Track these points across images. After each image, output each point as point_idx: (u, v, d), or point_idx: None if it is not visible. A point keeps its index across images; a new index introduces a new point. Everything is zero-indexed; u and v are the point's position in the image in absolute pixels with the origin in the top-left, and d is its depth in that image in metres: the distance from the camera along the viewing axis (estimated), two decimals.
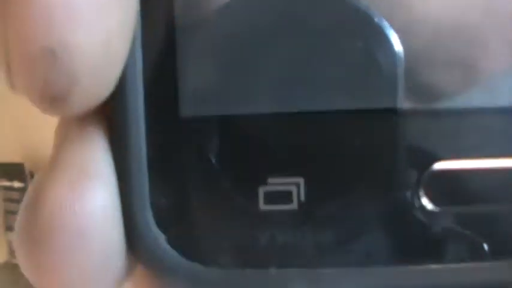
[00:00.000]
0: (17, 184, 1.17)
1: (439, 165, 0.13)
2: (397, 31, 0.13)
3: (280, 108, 0.13)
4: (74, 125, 0.13)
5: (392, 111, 0.13)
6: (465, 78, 0.13)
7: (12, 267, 1.26)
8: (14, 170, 1.16)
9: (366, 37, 0.13)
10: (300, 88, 0.13)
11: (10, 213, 1.19)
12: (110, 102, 0.13)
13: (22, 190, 1.15)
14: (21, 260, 0.13)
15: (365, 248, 0.14)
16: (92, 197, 0.12)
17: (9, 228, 1.20)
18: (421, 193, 0.13)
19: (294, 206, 0.13)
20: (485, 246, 0.14)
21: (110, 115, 0.13)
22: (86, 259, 0.13)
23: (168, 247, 0.13)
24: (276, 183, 0.13)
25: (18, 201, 1.17)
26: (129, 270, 0.14)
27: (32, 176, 1.14)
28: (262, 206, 0.13)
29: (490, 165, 0.13)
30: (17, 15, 0.11)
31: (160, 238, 0.13)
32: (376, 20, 0.13)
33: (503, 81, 0.13)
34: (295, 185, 0.13)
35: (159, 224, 0.13)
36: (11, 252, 1.24)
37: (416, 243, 0.14)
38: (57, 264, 0.13)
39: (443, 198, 0.14)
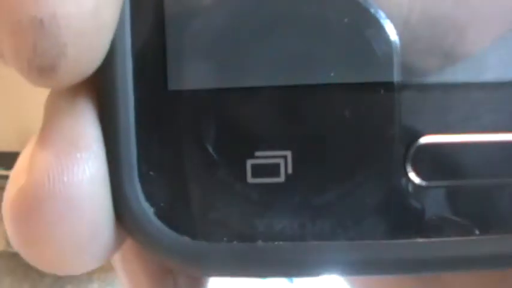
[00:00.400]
0: None
1: (425, 139, 0.13)
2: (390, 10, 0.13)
3: (269, 82, 0.13)
4: (63, 97, 0.14)
5: (380, 86, 0.13)
6: (451, 53, 0.13)
7: (10, 256, 1.26)
8: (11, 159, 1.16)
9: (356, 14, 0.13)
10: (288, 62, 0.13)
11: None
12: (98, 74, 0.13)
13: None
14: (10, 231, 0.13)
15: (352, 221, 0.14)
16: (80, 168, 0.13)
17: None
18: (409, 167, 0.14)
19: (281, 178, 0.13)
20: (472, 221, 0.14)
21: (98, 87, 0.13)
22: (75, 229, 0.13)
23: (156, 220, 0.13)
24: (264, 156, 0.13)
25: None
26: (119, 242, 0.14)
27: None
28: (250, 179, 0.13)
29: (476, 139, 0.13)
30: None
31: (149, 211, 0.13)
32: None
33: (488, 56, 0.13)
34: (283, 158, 0.13)
35: (148, 197, 0.13)
36: (8, 241, 1.24)
37: (404, 217, 0.14)
38: (47, 234, 0.13)
39: (430, 173, 0.14)
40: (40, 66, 0.12)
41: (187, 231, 0.14)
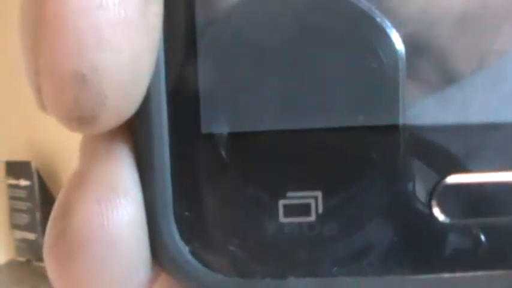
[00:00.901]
0: (23, 182, 1.17)
1: (451, 179, 0.14)
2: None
3: (298, 125, 0.14)
4: (99, 141, 0.14)
5: (404, 127, 0.14)
6: (473, 94, 0.14)
7: (18, 266, 1.26)
8: (20, 168, 1.17)
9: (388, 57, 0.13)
10: (316, 105, 0.14)
11: (16, 211, 1.19)
12: (134, 118, 0.13)
13: (28, 188, 1.16)
14: (51, 271, 0.14)
15: (380, 258, 0.14)
16: (119, 213, 0.13)
17: (15, 226, 1.20)
18: (434, 205, 0.14)
19: (312, 218, 0.14)
20: (496, 257, 0.14)
21: (134, 131, 0.14)
22: (114, 271, 0.13)
23: (191, 258, 0.14)
24: (295, 196, 0.14)
25: (24, 199, 1.18)
26: (154, 280, 0.14)
27: (38, 174, 1.14)
28: (282, 219, 0.14)
29: (501, 178, 0.14)
30: (48, 39, 0.11)
31: (184, 249, 0.14)
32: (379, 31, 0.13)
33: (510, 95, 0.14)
34: (314, 198, 0.14)
35: (183, 236, 0.14)
36: (17, 250, 1.25)
37: (430, 253, 0.14)
38: (87, 276, 0.13)
39: (455, 210, 0.14)
40: (80, 117, 0.12)
41: (221, 269, 0.14)
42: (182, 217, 0.14)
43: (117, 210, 0.13)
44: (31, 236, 1.17)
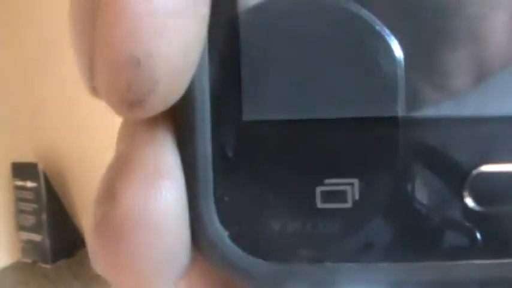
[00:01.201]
0: (29, 184, 1.17)
1: (483, 168, 0.14)
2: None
3: (337, 114, 0.14)
4: (142, 125, 0.14)
5: (446, 117, 0.14)
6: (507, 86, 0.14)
7: (24, 267, 1.26)
8: (27, 170, 1.17)
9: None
10: (352, 94, 0.14)
11: (23, 212, 1.19)
12: (178, 104, 0.13)
13: (35, 190, 1.16)
14: (94, 254, 0.14)
15: (414, 243, 0.14)
16: (164, 197, 0.13)
17: (21, 227, 1.20)
18: (466, 194, 0.14)
19: (348, 204, 0.14)
20: None
21: (177, 117, 0.14)
22: (159, 253, 0.13)
23: (230, 242, 0.14)
24: (333, 183, 0.14)
25: (30, 200, 1.18)
26: (191, 262, 0.14)
27: (45, 176, 1.15)
28: (320, 205, 0.14)
29: None
30: (105, 23, 0.12)
31: (224, 234, 0.14)
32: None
33: None
34: (350, 185, 0.14)
35: (223, 221, 0.14)
36: (23, 252, 1.25)
37: (463, 240, 0.14)
38: (133, 258, 0.13)
39: (487, 199, 0.14)
40: (131, 102, 0.12)
41: (260, 254, 0.14)
42: (222, 202, 0.14)
43: (161, 193, 0.13)
44: (37, 237, 1.18)
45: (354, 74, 0.14)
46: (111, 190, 0.13)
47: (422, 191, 0.14)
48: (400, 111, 0.14)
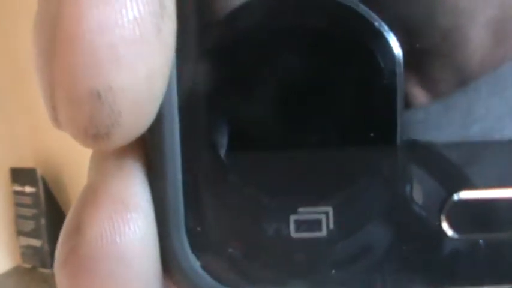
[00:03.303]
0: (28, 189, 1.17)
1: (461, 195, 0.14)
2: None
3: (308, 144, 0.14)
4: (111, 156, 0.14)
5: (415, 143, 0.14)
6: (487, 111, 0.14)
7: (23, 272, 1.27)
8: (26, 175, 1.17)
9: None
10: (328, 124, 0.14)
11: (21, 217, 1.19)
12: (146, 134, 0.13)
13: (33, 195, 1.16)
14: (62, 287, 0.14)
15: (388, 273, 0.14)
16: (131, 229, 0.13)
17: (21, 233, 1.20)
18: (443, 221, 0.14)
19: (323, 233, 0.14)
20: (504, 273, 0.14)
21: (146, 146, 0.14)
22: (126, 286, 0.13)
23: (202, 272, 0.14)
24: (306, 212, 0.14)
25: (29, 206, 1.18)
26: None
27: (43, 181, 1.15)
28: (294, 234, 0.14)
29: (509, 194, 0.14)
30: (63, 57, 0.11)
31: (195, 264, 0.14)
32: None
33: None
34: (325, 214, 0.14)
35: (194, 250, 0.14)
36: (22, 257, 1.25)
37: (438, 267, 0.14)
38: None
39: (464, 226, 0.14)
40: (95, 134, 0.12)
41: (231, 283, 0.14)
42: (194, 232, 0.14)
43: (129, 225, 0.13)
44: (36, 242, 1.18)
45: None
46: (77, 223, 0.13)
47: (399, 219, 0.14)
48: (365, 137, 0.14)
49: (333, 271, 0.14)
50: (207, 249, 0.14)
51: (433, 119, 0.14)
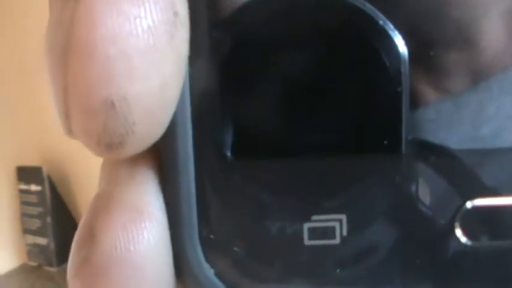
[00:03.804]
0: (34, 187, 1.18)
1: (474, 202, 0.14)
2: None
3: (322, 152, 0.14)
4: (124, 164, 0.14)
5: (431, 151, 0.14)
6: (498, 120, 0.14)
7: (29, 270, 1.27)
8: (31, 174, 1.17)
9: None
10: (340, 133, 0.14)
11: (27, 216, 1.20)
12: (159, 142, 0.13)
13: (39, 193, 1.16)
14: None
15: (402, 279, 0.14)
16: (145, 238, 0.13)
17: (26, 231, 1.21)
18: (457, 228, 0.14)
19: (336, 241, 0.14)
20: None
21: (160, 155, 0.14)
22: None
23: (216, 280, 0.14)
24: (320, 220, 0.14)
25: (35, 204, 1.18)
26: None
27: (49, 179, 1.15)
28: (307, 241, 0.14)
29: None
30: (77, 67, 0.11)
31: (209, 271, 0.14)
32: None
33: None
34: (338, 221, 0.14)
35: (208, 258, 0.14)
36: (28, 255, 1.25)
37: (452, 274, 0.14)
38: None
39: (477, 233, 0.14)
40: (109, 144, 0.12)
41: None
42: (207, 239, 0.14)
43: (142, 234, 0.13)
44: (42, 240, 1.18)
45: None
46: (91, 232, 0.13)
47: (412, 226, 0.14)
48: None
49: (347, 278, 0.14)
50: (220, 257, 0.14)
51: (443, 118, 0.14)
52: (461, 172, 0.14)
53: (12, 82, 1.18)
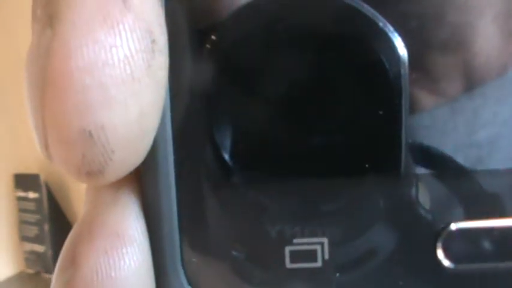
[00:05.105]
0: (32, 195, 1.17)
1: (456, 225, 0.14)
2: None
3: (303, 176, 0.14)
4: (105, 190, 0.14)
5: (412, 175, 0.14)
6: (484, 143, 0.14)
7: (28, 277, 1.27)
8: (29, 181, 1.17)
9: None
10: (327, 155, 0.14)
11: (25, 223, 1.19)
12: (140, 167, 0.13)
13: (37, 201, 1.16)
14: None
15: None
16: (126, 263, 0.13)
17: (24, 238, 1.20)
18: (439, 251, 0.14)
19: (318, 263, 0.14)
20: None
21: (141, 180, 0.14)
22: None
23: None
24: (302, 243, 0.14)
25: (32, 211, 1.18)
26: None
27: (47, 186, 1.15)
28: (288, 264, 0.14)
29: (504, 224, 0.14)
30: (54, 97, 0.11)
31: None
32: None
33: None
34: (320, 245, 0.14)
35: (190, 282, 0.14)
36: (26, 262, 1.25)
37: None
38: None
39: (459, 256, 0.14)
40: (88, 172, 0.12)
41: None
42: (190, 263, 0.14)
43: (124, 259, 0.13)
44: (40, 248, 1.18)
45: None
46: (73, 256, 0.13)
47: (394, 248, 0.14)
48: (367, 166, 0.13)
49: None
50: (203, 281, 0.14)
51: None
52: (447, 193, 0.14)
53: (10, 89, 1.18)
